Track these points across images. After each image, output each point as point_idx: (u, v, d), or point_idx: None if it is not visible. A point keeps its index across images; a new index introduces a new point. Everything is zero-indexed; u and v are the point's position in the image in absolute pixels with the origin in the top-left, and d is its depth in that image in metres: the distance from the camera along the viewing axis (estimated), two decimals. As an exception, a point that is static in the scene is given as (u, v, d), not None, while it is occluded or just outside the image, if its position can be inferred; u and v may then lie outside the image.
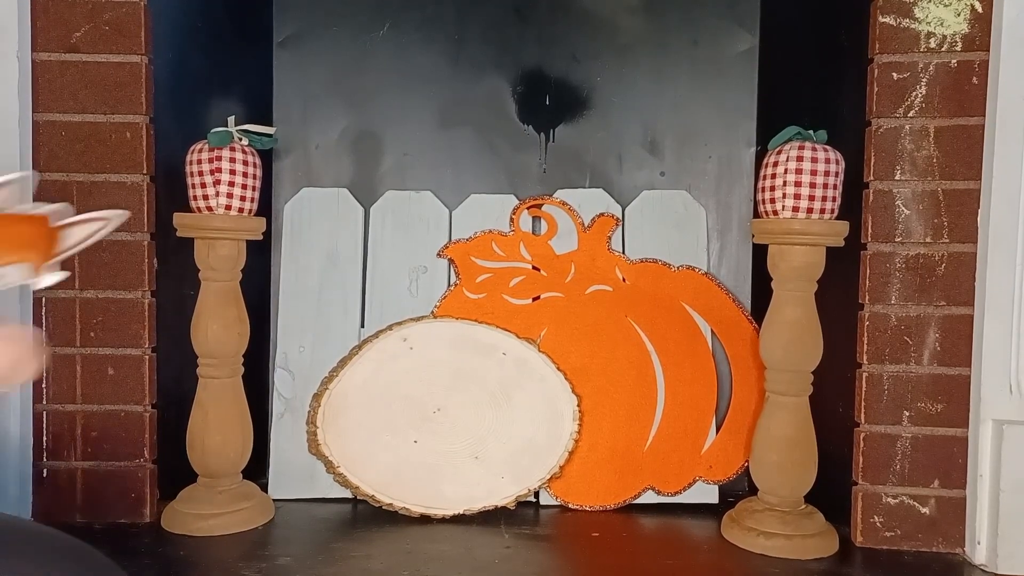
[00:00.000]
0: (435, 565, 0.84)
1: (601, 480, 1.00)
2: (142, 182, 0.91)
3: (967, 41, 0.86)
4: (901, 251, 0.88)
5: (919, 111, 0.87)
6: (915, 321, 0.88)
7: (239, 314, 0.94)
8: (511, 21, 1.13)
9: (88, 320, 0.91)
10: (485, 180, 1.12)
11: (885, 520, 0.89)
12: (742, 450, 1.01)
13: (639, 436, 1.02)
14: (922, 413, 0.88)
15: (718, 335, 1.05)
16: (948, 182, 0.87)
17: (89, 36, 0.90)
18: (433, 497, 0.96)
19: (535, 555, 0.88)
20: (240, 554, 0.85)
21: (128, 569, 0.78)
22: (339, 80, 1.13)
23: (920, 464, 0.88)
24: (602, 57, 1.12)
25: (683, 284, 1.05)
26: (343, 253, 1.06)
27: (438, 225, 1.07)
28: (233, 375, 0.94)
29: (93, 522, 0.91)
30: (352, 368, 1.00)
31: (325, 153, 1.13)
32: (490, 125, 1.13)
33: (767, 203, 0.89)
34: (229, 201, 0.91)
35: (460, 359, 1.00)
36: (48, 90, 0.90)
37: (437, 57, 1.12)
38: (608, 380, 1.02)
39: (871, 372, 0.89)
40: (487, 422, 0.99)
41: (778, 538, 0.87)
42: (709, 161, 1.12)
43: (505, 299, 1.04)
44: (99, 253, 0.91)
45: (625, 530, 0.95)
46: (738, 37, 1.12)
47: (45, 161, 0.90)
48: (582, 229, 1.06)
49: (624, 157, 1.13)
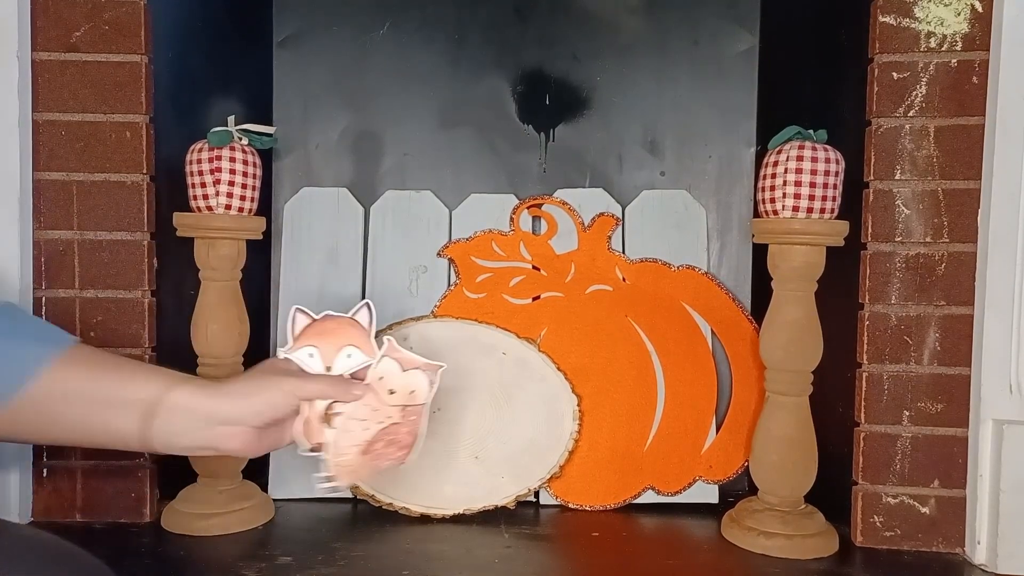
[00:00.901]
0: (435, 565, 0.84)
1: (601, 480, 1.00)
2: (142, 182, 0.91)
3: (967, 41, 0.86)
4: (901, 251, 0.88)
5: (919, 111, 0.87)
6: (915, 321, 0.88)
7: (239, 314, 0.94)
8: (511, 21, 1.13)
9: (88, 320, 0.91)
10: (485, 180, 1.12)
11: (885, 520, 0.89)
12: (742, 450, 1.01)
13: (639, 436, 1.02)
14: (922, 413, 0.88)
15: (718, 335, 1.05)
16: (948, 182, 0.87)
17: (89, 36, 0.90)
18: (433, 497, 0.96)
19: (535, 555, 0.88)
20: (240, 554, 0.85)
21: (128, 569, 0.78)
22: (339, 80, 1.13)
23: (920, 464, 0.88)
24: (602, 57, 1.12)
25: (683, 284, 1.05)
26: (343, 253, 1.06)
27: (438, 225, 1.07)
28: (233, 375, 0.94)
29: (93, 522, 0.91)
30: (352, 368, 1.00)
31: (325, 153, 1.13)
32: (490, 125, 1.13)
33: (767, 203, 0.89)
34: (229, 201, 0.91)
35: (460, 359, 1.00)
36: (48, 89, 0.90)
37: (437, 57, 1.13)
38: (608, 380, 1.02)
39: (871, 372, 0.89)
40: (487, 422, 0.99)
41: (778, 538, 0.87)
42: (709, 161, 1.12)
43: (505, 299, 1.04)
44: (99, 253, 0.91)
45: (625, 530, 0.96)
46: (738, 37, 1.12)
47: (45, 161, 0.90)
48: (582, 229, 1.06)
49: (624, 157, 1.13)
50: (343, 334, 0.74)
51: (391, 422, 0.74)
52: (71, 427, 0.68)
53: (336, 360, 0.73)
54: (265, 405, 0.70)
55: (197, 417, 0.68)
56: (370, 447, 0.74)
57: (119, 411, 0.67)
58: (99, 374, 0.68)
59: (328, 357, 0.73)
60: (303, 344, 0.74)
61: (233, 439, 0.69)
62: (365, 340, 0.74)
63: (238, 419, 0.69)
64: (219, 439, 0.69)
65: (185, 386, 0.68)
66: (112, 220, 0.91)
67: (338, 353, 0.73)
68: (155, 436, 0.67)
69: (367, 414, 0.73)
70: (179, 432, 0.68)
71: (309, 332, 0.75)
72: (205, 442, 0.69)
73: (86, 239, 0.91)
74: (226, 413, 0.68)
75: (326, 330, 0.74)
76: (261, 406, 0.70)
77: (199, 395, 0.68)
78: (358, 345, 0.74)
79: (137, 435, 0.67)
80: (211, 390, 0.69)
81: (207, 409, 0.68)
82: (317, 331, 0.74)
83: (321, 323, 0.75)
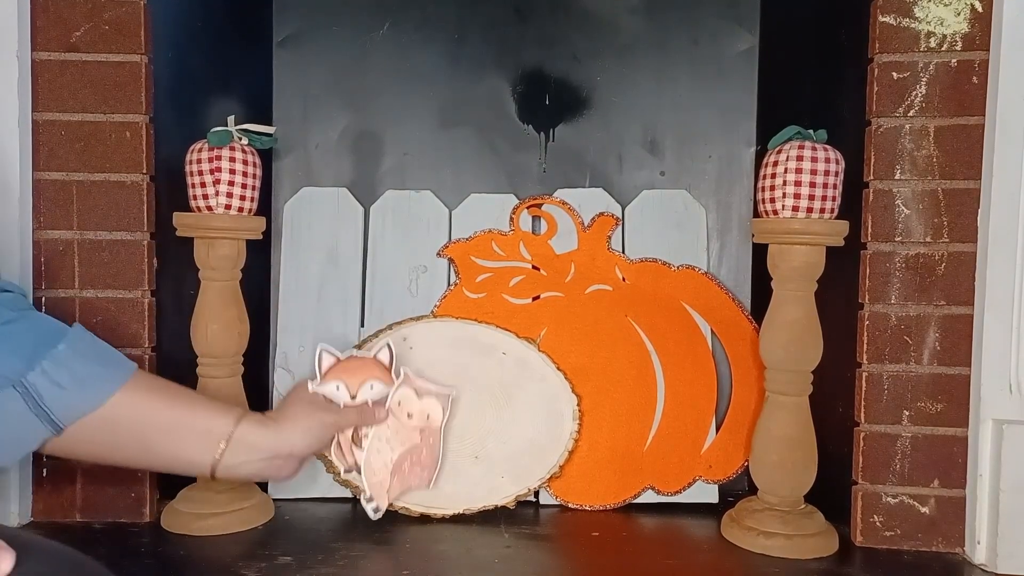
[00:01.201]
0: (435, 565, 0.84)
1: (601, 479, 1.00)
2: (142, 181, 0.91)
3: (967, 40, 0.86)
4: (901, 251, 0.88)
5: (919, 111, 0.87)
6: (915, 321, 0.88)
7: (239, 314, 0.94)
8: (511, 21, 1.13)
9: (88, 320, 0.91)
10: (485, 180, 1.12)
11: (885, 520, 0.89)
12: (742, 450, 1.01)
13: (639, 436, 1.02)
14: (922, 413, 0.88)
15: (718, 335, 1.05)
16: (948, 181, 0.87)
17: (89, 35, 0.90)
18: (433, 497, 0.96)
19: (535, 555, 0.88)
20: (240, 554, 0.85)
21: (128, 569, 0.78)
22: (339, 80, 1.13)
23: (920, 464, 0.88)
24: (602, 57, 1.12)
25: (683, 284, 1.05)
26: (343, 252, 1.06)
27: (438, 225, 1.07)
28: (233, 375, 0.94)
29: (93, 522, 0.91)
30: (352, 368, 1.00)
31: (325, 152, 1.13)
32: (490, 125, 1.13)
33: (767, 203, 0.89)
34: (229, 200, 0.91)
35: (460, 359, 1.00)
36: (48, 89, 0.90)
37: (437, 57, 1.13)
38: (608, 380, 1.02)
39: (871, 372, 0.89)
40: (487, 422, 0.99)
41: (778, 537, 0.87)
42: (709, 161, 1.12)
43: (505, 299, 1.04)
44: (99, 253, 0.91)
45: (625, 529, 0.95)
46: (738, 37, 1.12)
47: (45, 160, 0.90)
48: (582, 229, 1.06)
49: (624, 157, 1.13)
50: (366, 370, 0.85)
51: (412, 443, 0.86)
52: (135, 454, 0.72)
53: (360, 391, 0.83)
54: (316, 440, 0.78)
55: (260, 450, 0.74)
56: (398, 467, 0.86)
57: (192, 441, 0.72)
58: (167, 404, 0.71)
59: (353, 388, 0.83)
60: (331, 380, 0.83)
61: (284, 468, 0.76)
62: (386, 374, 0.85)
63: (289, 454, 0.75)
64: (273, 469, 0.76)
65: (249, 421, 0.74)
66: (112, 220, 0.91)
67: (362, 385, 0.84)
68: (224, 466, 0.72)
69: (391, 435, 0.85)
70: (242, 463, 0.73)
71: (336, 369, 0.85)
72: (262, 471, 0.76)
73: (86, 239, 0.91)
74: (286, 448, 0.75)
75: (351, 367, 0.85)
76: (313, 441, 0.77)
77: (261, 431, 0.74)
78: (380, 378, 0.85)
79: (209, 464, 0.72)
80: (272, 426, 0.75)
81: (269, 444, 0.74)
82: (342, 368, 0.85)
83: (346, 362, 0.86)
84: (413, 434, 0.86)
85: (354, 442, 0.85)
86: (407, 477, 0.87)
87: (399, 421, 0.85)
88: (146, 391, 0.70)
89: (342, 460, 0.86)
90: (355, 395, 0.83)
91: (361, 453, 0.85)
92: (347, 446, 0.85)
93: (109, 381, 0.67)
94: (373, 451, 0.84)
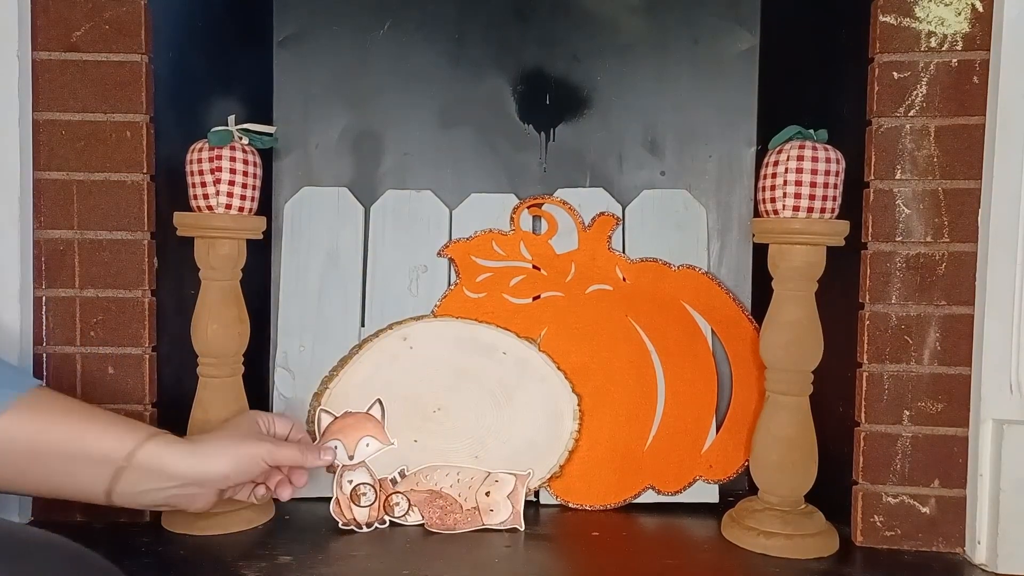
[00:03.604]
0: (435, 565, 0.84)
1: (601, 479, 1.00)
2: (142, 181, 0.91)
3: (968, 40, 0.86)
4: (901, 250, 0.88)
5: (920, 110, 0.87)
6: (915, 321, 0.88)
7: (239, 314, 0.94)
8: (511, 21, 1.13)
9: (88, 319, 0.91)
10: (485, 179, 1.12)
11: (885, 519, 0.89)
12: (742, 450, 1.01)
13: (639, 435, 1.02)
14: (922, 413, 0.88)
15: (718, 335, 1.05)
16: (949, 181, 0.87)
17: (89, 35, 0.90)
18: (433, 496, 0.96)
19: (535, 555, 0.88)
20: (240, 554, 0.84)
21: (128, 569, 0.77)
22: (339, 80, 1.13)
23: (920, 464, 0.88)
24: (602, 57, 1.12)
25: (683, 283, 1.05)
26: (343, 252, 1.06)
27: (438, 224, 1.07)
28: (233, 374, 0.94)
29: (93, 521, 0.91)
30: (352, 367, 1.00)
31: (325, 152, 1.13)
32: (490, 124, 1.13)
33: (767, 202, 0.89)
34: (229, 200, 0.91)
35: (460, 358, 1.00)
36: (48, 89, 0.90)
37: (437, 57, 1.13)
38: (608, 379, 1.02)
39: (871, 372, 0.89)
40: (487, 421, 0.99)
41: (778, 537, 0.87)
42: (709, 161, 1.12)
43: (505, 298, 1.04)
44: (99, 252, 0.91)
45: (625, 529, 0.95)
46: (738, 37, 1.12)
47: (45, 160, 0.90)
48: (582, 228, 1.06)
49: (624, 156, 1.13)
50: (360, 427, 0.91)
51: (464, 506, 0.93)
52: (34, 480, 0.65)
53: (357, 449, 0.89)
54: (234, 470, 0.71)
55: (166, 477, 0.67)
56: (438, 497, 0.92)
57: (87, 466, 0.65)
58: (65, 424, 0.64)
59: (350, 447, 0.89)
60: (329, 439, 0.90)
61: (197, 500, 0.70)
62: (380, 430, 0.92)
63: (207, 482, 0.69)
64: (183, 499, 0.69)
65: (155, 444, 0.66)
66: (112, 219, 0.91)
67: (358, 443, 0.89)
68: (120, 493, 0.65)
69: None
70: (145, 491, 0.67)
71: (333, 428, 0.91)
72: (169, 501, 0.69)
73: (86, 238, 0.91)
74: (197, 475, 0.68)
75: (347, 425, 0.91)
76: (230, 470, 0.71)
77: (170, 454, 0.67)
78: (374, 435, 0.90)
79: (103, 492, 0.65)
80: (182, 450, 0.68)
81: (178, 471, 0.67)
82: (339, 426, 0.91)
83: (342, 419, 0.91)
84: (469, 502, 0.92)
85: (352, 500, 0.89)
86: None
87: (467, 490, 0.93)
88: (43, 411, 0.64)
89: (340, 516, 0.90)
90: (352, 455, 0.89)
91: (361, 511, 0.89)
92: (345, 503, 0.90)
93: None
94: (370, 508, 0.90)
